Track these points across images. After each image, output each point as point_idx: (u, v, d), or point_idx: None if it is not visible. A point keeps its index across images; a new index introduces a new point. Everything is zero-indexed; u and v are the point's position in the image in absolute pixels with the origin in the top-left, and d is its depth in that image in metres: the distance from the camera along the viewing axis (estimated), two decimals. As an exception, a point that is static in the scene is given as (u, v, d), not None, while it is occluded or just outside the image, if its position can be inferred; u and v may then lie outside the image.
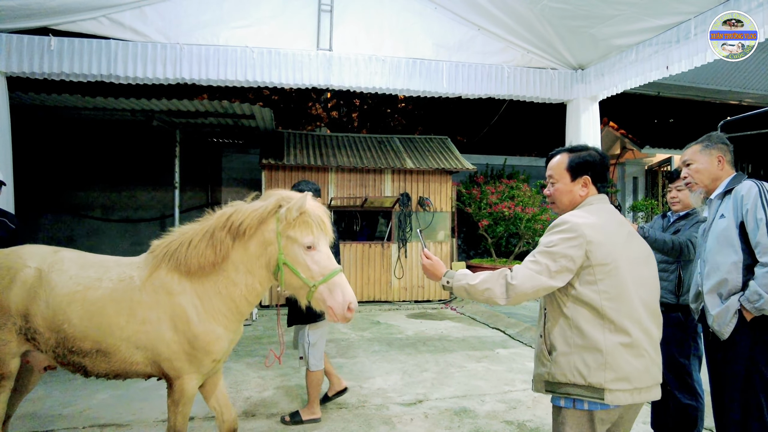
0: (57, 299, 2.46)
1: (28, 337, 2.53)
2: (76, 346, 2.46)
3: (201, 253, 2.44)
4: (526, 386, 4.90)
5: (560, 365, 1.92)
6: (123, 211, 10.58)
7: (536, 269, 1.90)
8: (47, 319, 2.46)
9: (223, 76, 5.75)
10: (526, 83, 6.73)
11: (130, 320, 2.44)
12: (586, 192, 2.08)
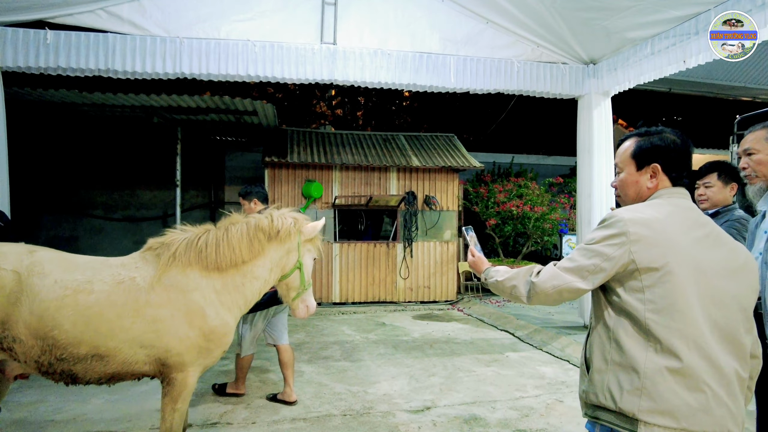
0: (43, 305, 2.35)
1: (4, 346, 2.37)
2: (67, 352, 2.38)
3: (238, 251, 2.70)
4: (539, 392, 4.71)
5: (594, 384, 1.63)
6: (125, 210, 10.45)
7: (564, 266, 1.65)
8: (31, 326, 2.34)
9: (224, 71, 5.59)
10: (537, 78, 6.53)
11: (137, 321, 2.46)
12: (655, 183, 1.74)
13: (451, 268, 9.09)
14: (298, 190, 8.63)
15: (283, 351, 4.35)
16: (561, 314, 7.90)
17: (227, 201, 10.88)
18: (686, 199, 1.72)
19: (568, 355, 5.86)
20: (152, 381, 4.79)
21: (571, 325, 7.10)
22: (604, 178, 6.57)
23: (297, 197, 8.64)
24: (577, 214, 6.90)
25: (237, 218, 2.87)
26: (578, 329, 6.80)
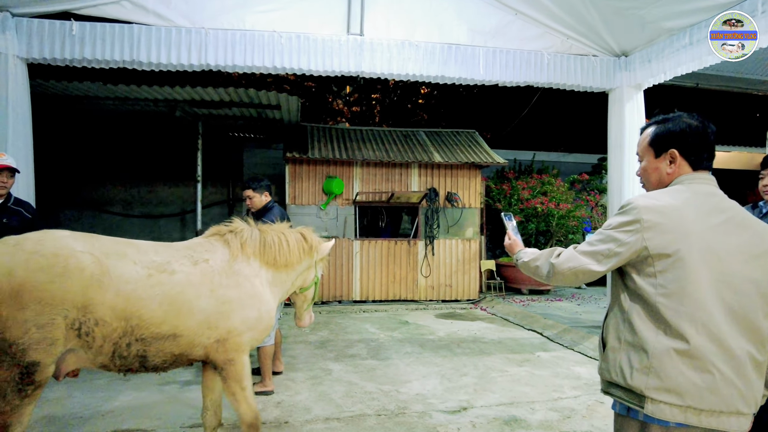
0: (129, 286, 2.37)
1: (81, 332, 2.28)
2: (149, 332, 2.41)
3: (291, 255, 2.98)
4: (577, 393, 4.54)
5: (608, 361, 1.72)
6: (143, 207, 10.41)
7: (582, 250, 1.75)
8: (117, 308, 2.32)
9: (250, 62, 5.48)
10: (567, 71, 6.35)
11: (210, 301, 2.57)
12: (674, 169, 1.77)
13: (473, 267, 8.92)
14: (318, 186, 8.51)
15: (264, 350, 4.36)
16: (588, 314, 7.71)
17: (244, 197, 10.77)
18: (708, 185, 1.73)
19: (601, 355, 5.67)
20: (179, 378, 4.73)
21: (600, 324, 6.89)
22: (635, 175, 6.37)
23: (317, 193, 8.52)
24: (608, 210, 6.70)
25: (283, 226, 3.13)
26: (609, 329, 6.61)
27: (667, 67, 5.81)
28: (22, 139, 5.05)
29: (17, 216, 3.86)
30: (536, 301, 8.77)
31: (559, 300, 8.94)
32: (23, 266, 2.18)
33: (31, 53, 5.07)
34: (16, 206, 3.88)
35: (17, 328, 2.13)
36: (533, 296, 9.32)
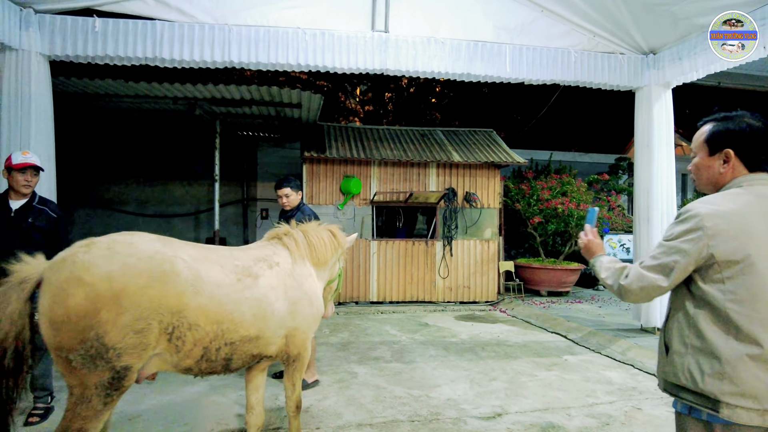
0: (222, 290, 2.42)
1: (172, 336, 2.26)
2: (238, 335, 2.47)
3: (328, 252, 3.17)
4: (612, 398, 4.42)
5: (674, 365, 1.71)
6: (157, 206, 10.34)
7: (647, 265, 1.72)
8: (210, 312, 2.35)
9: (273, 60, 5.39)
10: (593, 69, 6.23)
11: (284, 302, 2.71)
12: (727, 169, 1.75)
13: (491, 268, 8.80)
14: (336, 186, 8.41)
15: None
16: (612, 316, 7.57)
17: (259, 197, 10.71)
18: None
19: (631, 359, 5.54)
20: (204, 381, 4.63)
21: (625, 327, 6.77)
22: (664, 175, 6.25)
23: (335, 193, 8.42)
24: (635, 211, 6.57)
25: (315, 225, 3.26)
26: (634, 332, 6.48)
27: (700, 64, 5.67)
28: (44, 137, 4.99)
29: (43, 215, 3.79)
30: (556, 303, 8.64)
31: (579, 302, 8.81)
32: (121, 271, 2.14)
33: (53, 50, 5.00)
34: (41, 205, 3.81)
35: (116, 332, 2.10)
36: (552, 298, 9.18)
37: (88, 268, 2.10)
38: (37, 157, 3.86)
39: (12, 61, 4.80)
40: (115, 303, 2.10)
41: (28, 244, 3.65)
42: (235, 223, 10.35)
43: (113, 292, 2.10)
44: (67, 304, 2.05)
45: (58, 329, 2.06)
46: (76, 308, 2.05)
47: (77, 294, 2.06)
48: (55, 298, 2.07)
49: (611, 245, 10.34)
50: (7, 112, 4.78)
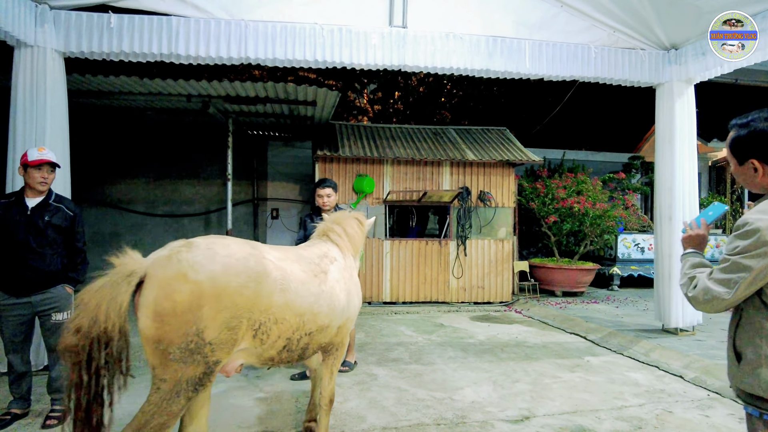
0: (305, 287, 2.62)
1: (258, 331, 2.41)
2: (316, 326, 2.68)
3: (360, 240, 3.38)
4: (641, 401, 4.30)
5: (747, 375, 1.70)
6: (167, 206, 10.27)
7: (715, 278, 1.71)
8: (294, 306, 2.54)
9: (290, 56, 5.30)
10: (614, 65, 6.12)
11: (345, 294, 2.94)
12: (762, 177, 1.72)
13: (506, 268, 8.68)
14: (348, 185, 8.32)
15: None
16: (630, 317, 7.45)
17: (269, 197, 10.63)
18: None
19: (655, 360, 5.43)
20: (222, 384, 4.55)
21: (646, 328, 6.64)
22: (686, 172, 6.13)
23: (347, 192, 8.33)
24: (656, 209, 6.45)
25: (344, 215, 3.43)
26: (656, 332, 6.35)
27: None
28: (59, 134, 4.92)
29: (60, 212, 3.70)
30: (572, 304, 8.51)
31: (595, 302, 8.68)
32: (223, 270, 2.25)
33: (68, 47, 4.93)
34: (57, 203, 3.73)
35: (214, 328, 2.20)
36: (567, 298, 9.06)
37: (193, 266, 2.19)
38: (53, 153, 3.78)
39: (27, 58, 4.74)
40: (216, 300, 2.20)
41: (44, 243, 3.60)
42: (245, 223, 10.28)
43: (216, 290, 2.20)
44: (174, 299, 2.12)
45: (162, 322, 2.12)
46: (182, 303, 2.13)
47: (183, 290, 2.14)
48: (161, 292, 2.13)
49: (625, 245, 10.22)
50: (22, 109, 4.71)
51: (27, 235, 3.52)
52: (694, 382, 4.79)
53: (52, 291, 3.63)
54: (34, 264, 3.53)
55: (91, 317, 2.02)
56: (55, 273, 3.65)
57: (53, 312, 3.63)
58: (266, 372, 4.94)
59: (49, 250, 3.61)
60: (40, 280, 3.56)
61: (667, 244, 6.18)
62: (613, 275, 10.15)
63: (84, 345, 2.02)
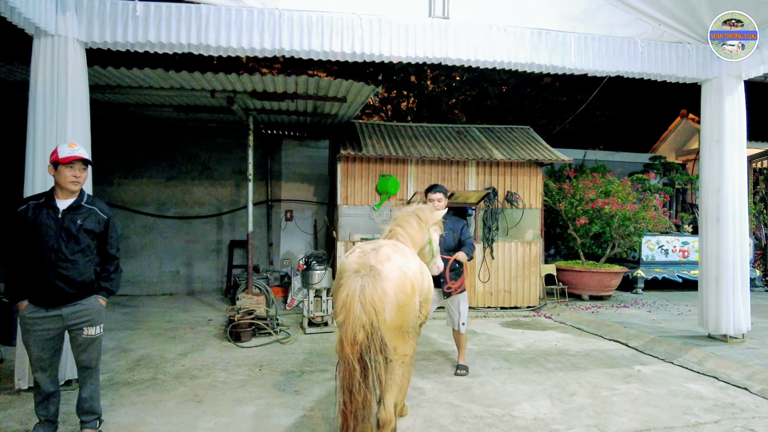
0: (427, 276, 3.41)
1: (420, 309, 3.22)
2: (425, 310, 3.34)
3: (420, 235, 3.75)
4: (714, 416, 4.01)
5: None
6: (178, 207, 9.88)
7: None
8: (431, 290, 3.45)
9: (327, 47, 4.97)
10: (661, 59, 5.85)
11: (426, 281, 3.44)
12: None
13: (533, 272, 8.39)
14: (371, 185, 7.99)
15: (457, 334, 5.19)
16: (668, 322, 7.17)
17: (283, 198, 10.27)
18: None
19: (711, 370, 5.14)
20: (260, 401, 4.21)
21: (690, 334, 6.36)
22: (736, 173, 5.85)
23: (370, 193, 8.00)
24: (701, 210, 6.17)
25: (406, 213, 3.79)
26: (702, 339, 6.07)
27: (783, 53, 5.30)
28: (81, 130, 4.57)
29: (93, 215, 3.34)
30: (602, 308, 8.23)
31: (626, 307, 8.41)
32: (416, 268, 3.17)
33: (91, 36, 4.57)
34: (90, 205, 3.38)
35: (420, 309, 3.21)
36: (596, 302, 8.78)
37: (405, 266, 3.02)
38: (84, 149, 3.42)
39: (48, 48, 4.38)
40: (420, 290, 3.11)
41: (77, 249, 3.23)
42: (258, 225, 9.89)
43: (417, 281, 3.08)
44: (406, 292, 2.92)
45: (402, 310, 2.90)
46: (410, 294, 2.95)
47: (408, 284, 2.95)
48: (399, 288, 2.88)
49: (650, 246, 9.97)
50: (42, 103, 4.35)
51: (58, 241, 3.17)
52: (762, 395, 4.50)
53: (84, 303, 3.27)
54: (66, 273, 3.17)
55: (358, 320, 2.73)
56: (89, 283, 3.30)
57: (85, 326, 3.27)
58: (304, 387, 4.61)
59: (82, 258, 3.25)
60: (72, 290, 3.20)
61: (714, 246, 5.90)
62: (637, 278, 9.91)
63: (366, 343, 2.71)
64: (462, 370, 5.04)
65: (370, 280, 2.76)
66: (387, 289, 2.76)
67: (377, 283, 2.76)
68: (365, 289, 2.72)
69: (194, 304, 8.73)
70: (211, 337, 6.44)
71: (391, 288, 2.79)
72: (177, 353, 5.65)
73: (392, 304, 2.78)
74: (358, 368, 2.62)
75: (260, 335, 6.38)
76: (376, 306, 2.70)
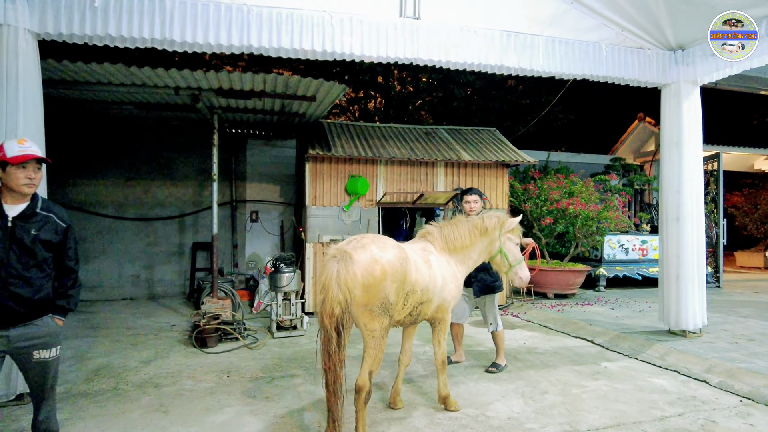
0: (422, 270, 3.64)
1: (405, 300, 3.51)
2: (426, 298, 3.67)
3: (465, 240, 4.00)
4: (678, 410, 4.14)
5: None
6: (138, 209, 9.49)
7: None
8: (420, 283, 3.59)
9: (297, 45, 4.87)
10: (624, 64, 6.02)
11: (440, 280, 3.79)
12: None
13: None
14: (340, 186, 7.91)
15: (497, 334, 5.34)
16: (631, 318, 7.39)
17: (248, 199, 10.04)
18: None
19: (672, 364, 5.32)
20: (230, 409, 4.08)
21: (651, 330, 6.57)
22: (694, 174, 6.09)
23: (339, 194, 7.91)
24: (661, 210, 6.39)
25: (460, 219, 4.13)
26: (663, 335, 6.28)
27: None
28: (33, 127, 4.29)
29: (49, 224, 2.89)
30: (567, 306, 8.42)
31: (589, 304, 8.62)
32: (394, 256, 3.37)
33: (44, 27, 4.31)
34: (46, 211, 2.92)
35: (393, 294, 3.37)
36: (561, 300, 8.97)
37: (379, 253, 3.31)
38: (38, 146, 3.07)
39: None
40: (392, 276, 3.32)
41: (32, 264, 2.80)
42: (222, 227, 9.63)
43: (392, 269, 3.32)
44: (373, 275, 3.24)
45: (368, 290, 3.23)
46: (378, 277, 3.25)
47: (377, 269, 3.26)
48: (366, 271, 3.23)
49: (611, 246, 10.27)
50: (-10, 97, 4.07)
51: (8, 254, 2.71)
52: (720, 387, 4.69)
53: (37, 323, 2.82)
54: (17, 291, 2.72)
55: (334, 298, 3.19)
56: (44, 301, 2.85)
57: (36, 350, 2.80)
58: (275, 393, 4.50)
59: (38, 273, 2.82)
60: (22, 310, 2.75)
61: (674, 245, 6.12)
62: (599, 276, 10.18)
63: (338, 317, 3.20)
64: (493, 367, 5.18)
65: (344, 264, 3.21)
66: (356, 271, 3.18)
67: (349, 266, 3.19)
68: (340, 272, 3.18)
69: (156, 309, 8.41)
70: (176, 343, 6.21)
71: (360, 270, 3.19)
72: (139, 361, 5.41)
73: (359, 284, 3.19)
74: (334, 336, 3.17)
75: (227, 340, 6.19)
76: (348, 285, 3.16)
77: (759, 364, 5.07)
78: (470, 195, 5.25)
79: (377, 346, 3.34)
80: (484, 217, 4.10)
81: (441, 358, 4.04)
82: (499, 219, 4.14)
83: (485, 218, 4.10)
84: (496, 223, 4.09)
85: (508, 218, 4.18)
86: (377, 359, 3.36)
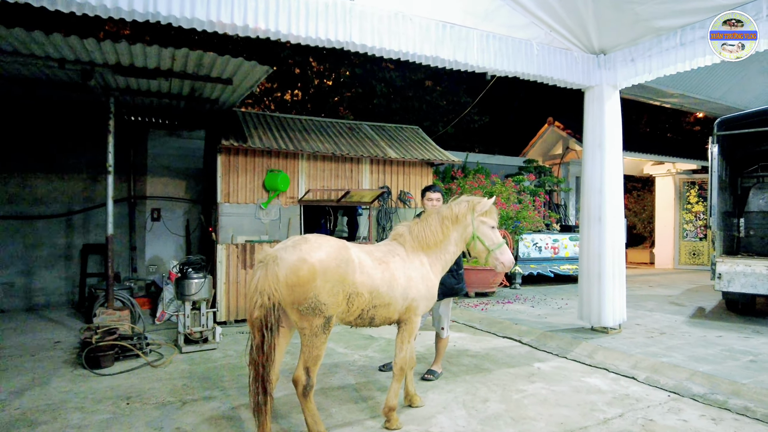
0: (372, 271, 3.47)
1: (349, 301, 3.36)
2: (378, 301, 3.50)
3: (437, 235, 3.81)
4: (617, 410, 4.12)
5: None
6: (13, 206, 8.06)
7: None
8: (366, 285, 3.41)
9: (214, 17, 4.24)
10: (552, 64, 6.06)
11: (405, 281, 3.63)
12: None
13: (426, 271, 8.31)
14: (257, 182, 7.25)
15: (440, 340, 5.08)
16: (553, 316, 7.53)
17: (149, 195, 8.97)
18: None
19: (601, 362, 5.39)
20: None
21: (574, 327, 6.70)
22: (615, 174, 6.28)
23: (256, 190, 7.25)
24: (583, 210, 6.53)
25: (429, 212, 4.01)
26: (586, 332, 6.42)
27: (654, 66, 5.76)
28: None
29: None
30: (489, 305, 8.44)
31: (510, 302, 8.73)
32: (326, 256, 3.23)
33: None
34: None
35: (324, 294, 3.21)
36: (482, 299, 9.00)
37: (309, 253, 3.19)
38: None
39: None
40: (323, 275, 3.19)
41: None
42: (119, 226, 8.47)
43: (323, 268, 3.19)
44: (299, 275, 3.14)
45: (292, 290, 3.15)
46: (304, 277, 3.14)
47: (304, 268, 3.15)
48: (290, 270, 3.14)
49: (526, 244, 10.55)
50: None
51: None
52: (648, 383, 4.79)
53: None
54: None
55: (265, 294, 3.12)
56: None
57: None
58: (189, 421, 3.84)
59: None
60: None
61: (596, 244, 6.27)
62: (515, 274, 10.42)
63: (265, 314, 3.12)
64: (429, 374, 4.91)
65: (268, 268, 3.15)
66: (278, 273, 3.12)
67: (271, 269, 3.14)
68: (261, 278, 3.14)
69: (36, 323, 7.17)
70: (60, 364, 5.23)
71: (283, 270, 3.12)
72: (9, 392, 4.43)
73: (282, 284, 3.12)
74: (257, 336, 3.17)
75: (126, 358, 5.33)
76: (269, 288, 3.11)
77: (677, 358, 5.29)
78: (433, 192, 5.01)
79: (310, 344, 3.26)
80: (451, 205, 3.87)
81: (400, 363, 3.74)
82: (469, 203, 3.90)
83: (453, 206, 3.87)
84: (466, 207, 3.87)
85: (480, 200, 3.92)
86: (313, 356, 3.28)
